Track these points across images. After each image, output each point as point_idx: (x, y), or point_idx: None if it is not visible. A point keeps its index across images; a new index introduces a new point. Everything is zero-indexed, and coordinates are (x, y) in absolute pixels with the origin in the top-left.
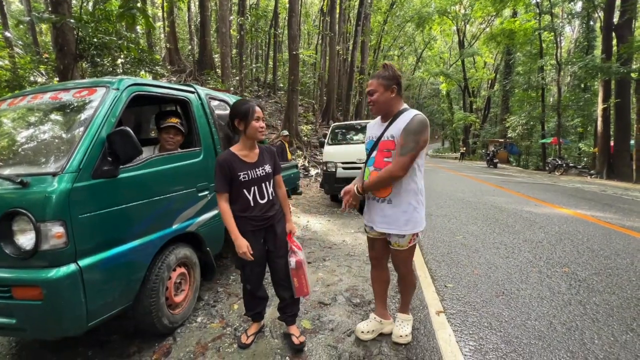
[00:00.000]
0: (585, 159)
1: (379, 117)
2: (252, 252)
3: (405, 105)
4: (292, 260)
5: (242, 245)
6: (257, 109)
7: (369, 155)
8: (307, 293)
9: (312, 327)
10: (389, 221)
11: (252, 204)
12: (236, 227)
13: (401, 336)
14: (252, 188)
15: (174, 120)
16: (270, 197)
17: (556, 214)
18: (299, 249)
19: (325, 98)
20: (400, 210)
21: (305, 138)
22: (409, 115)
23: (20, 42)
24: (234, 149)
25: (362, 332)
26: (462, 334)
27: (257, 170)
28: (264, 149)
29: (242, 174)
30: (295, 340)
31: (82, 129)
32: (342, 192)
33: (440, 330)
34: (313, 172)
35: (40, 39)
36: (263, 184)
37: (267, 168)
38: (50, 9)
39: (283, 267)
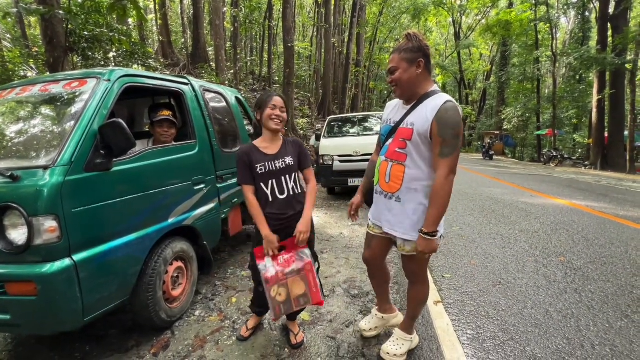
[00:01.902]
0: (579, 150)
1: (400, 100)
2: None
3: (435, 87)
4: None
5: (274, 239)
6: (276, 98)
7: (384, 142)
8: (320, 300)
9: (311, 318)
10: (395, 222)
11: (270, 198)
12: (264, 218)
13: (388, 353)
14: (270, 181)
15: (166, 113)
16: (292, 192)
17: (551, 204)
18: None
19: (321, 91)
20: (410, 210)
21: (302, 132)
22: (439, 100)
23: (8, 36)
24: (256, 141)
25: (365, 330)
26: (460, 323)
27: (276, 162)
28: (289, 141)
29: (259, 165)
30: (293, 340)
31: (73, 121)
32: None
33: (438, 319)
34: None
35: (29, 33)
36: (283, 177)
37: (289, 160)
38: (38, 0)
39: None
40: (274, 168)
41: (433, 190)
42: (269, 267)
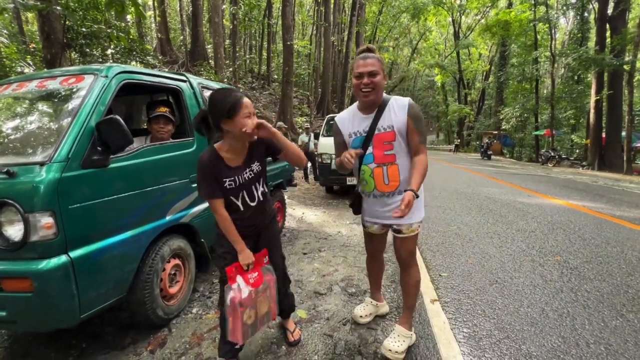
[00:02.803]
0: (577, 151)
1: (351, 110)
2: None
3: (384, 94)
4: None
5: (249, 257)
6: (246, 101)
7: (365, 153)
8: (239, 340)
9: (308, 316)
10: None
11: (241, 208)
12: (237, 234)
13: (390, 350)
14: (241, 193)
15: (163, 110)
16: (261, 198)
17: (549, 204)
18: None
19: (320, 90)
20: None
21: (300, 130)
22: (402, 101)
23: (5, 32)
24: (219, 148)
25: (361, 316)
26: (456, 322)
27: (244, 174)
28: (255, 144)
29: (227, 180)
30: (290, 337)
31: (70, 117)
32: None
33: (434, 318)
34: (308, 164)
35: (26, 29)
36: (253, 186)
37: (255, 167)
38: None
39: (275, 264)
40: (244, 180)
41: (420, 165)
42: (242, 289)
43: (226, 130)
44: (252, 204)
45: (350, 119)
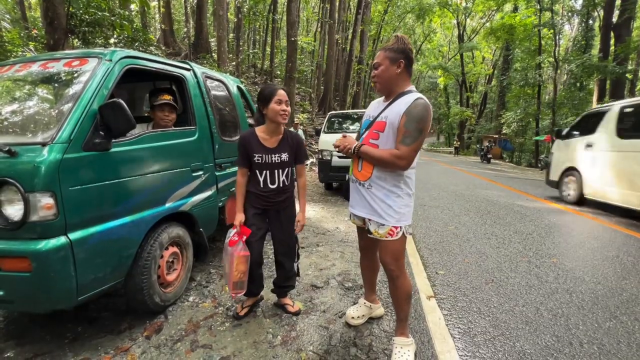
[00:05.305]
0: None
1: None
2: (252, 227)
3: (411, 87)
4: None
5: (239, 218)
6: (281, 92)
7: (361, 135)
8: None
9: (305, 308)
10: (368, 206)
11: (261, 185)
12: (243, 202)
13: None
14: (264, 172)
15: (167, 97)
16: (282, 185)
17: (546, 208)
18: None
19: (322, 87)
20: (380, 197)
21: (301, 126)
22: (411, 97)
23: (8, 17)
24: (258, 129)
25: (353, 317)
26: (451, 318)
27: (272, 155)
28: (290, 136)
29: (256, 155)
30: (291, 309)
31: (73, 99)
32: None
33: (430, 314)
34: (308, 161)
35: (29, 14)
36: (276, 171)
37: (284, 156)
38: None
39: (287, 243)
40: (270, 161)
41: (387, 153)
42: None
43: (264, 113)
44: (272, 187)
45: (375, 104)
